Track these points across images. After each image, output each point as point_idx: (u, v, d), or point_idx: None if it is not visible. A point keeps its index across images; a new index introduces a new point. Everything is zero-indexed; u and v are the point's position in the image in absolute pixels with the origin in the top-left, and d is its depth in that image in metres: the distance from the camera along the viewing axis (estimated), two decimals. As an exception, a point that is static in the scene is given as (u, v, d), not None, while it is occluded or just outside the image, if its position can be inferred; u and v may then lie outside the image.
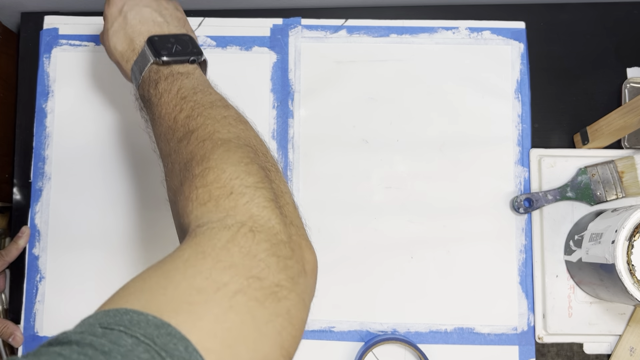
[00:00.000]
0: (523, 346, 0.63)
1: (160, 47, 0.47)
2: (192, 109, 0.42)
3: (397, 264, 0.65)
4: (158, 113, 0.44)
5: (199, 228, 0.34)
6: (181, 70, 0.46)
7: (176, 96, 0.43)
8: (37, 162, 0.67)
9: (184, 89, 0.44)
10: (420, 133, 0.67)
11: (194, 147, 0.39)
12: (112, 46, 0.50)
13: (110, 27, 0.51)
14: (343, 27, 0.69)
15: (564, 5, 0.70)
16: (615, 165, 0.63)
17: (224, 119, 0.41)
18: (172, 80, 0.45)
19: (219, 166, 0.36)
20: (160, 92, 0.44)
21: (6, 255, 0.64)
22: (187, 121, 0.41)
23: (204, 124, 0.40)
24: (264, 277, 0.31)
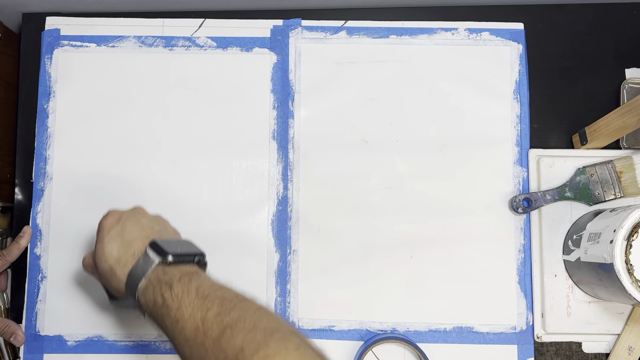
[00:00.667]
0: (522, 345, 0.64)
1: (165, 246, 0.47)
2: (221, 306, 0.41)
3: (397, 264, 0.65)
4: (180, 317, 0.42)
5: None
6: (190, 271, 0.46)
7: (197, 296, 0.42)
8: (39, 162, 0.68)
9: (203, 287, 0.43)
10: (420, 133, 0.67)
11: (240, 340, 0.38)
12: (107, 252, 0.49)
13: (106, 235, 0.50)
14: (343, 28, 0.69)
15: (562, 6, 0.70)
16: (613, 166, 0.63)
17: (259, 310, 0.41)
18: (187, 281, 0.44)
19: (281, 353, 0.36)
20: (178, 295, 0.43)
21: (8, 255, 0.64)
22: (219, 318, 0.40)
23: (241, 317, 0.40)
24: None
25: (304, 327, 0.64)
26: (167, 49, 0.69)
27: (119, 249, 0.49)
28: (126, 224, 0.51)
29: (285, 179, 0.67)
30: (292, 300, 0.65)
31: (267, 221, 0.66)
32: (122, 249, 0.49)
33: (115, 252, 0.49)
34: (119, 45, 0.69)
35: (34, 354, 0.64)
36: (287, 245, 0.66)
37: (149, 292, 0.45)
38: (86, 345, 0.64)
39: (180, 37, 0.69)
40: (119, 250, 0.49)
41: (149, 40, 0.69)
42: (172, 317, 0.43)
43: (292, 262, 0.66)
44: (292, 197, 0.67)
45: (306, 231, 0.66)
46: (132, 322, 0.65)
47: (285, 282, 0.65)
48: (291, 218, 0.66)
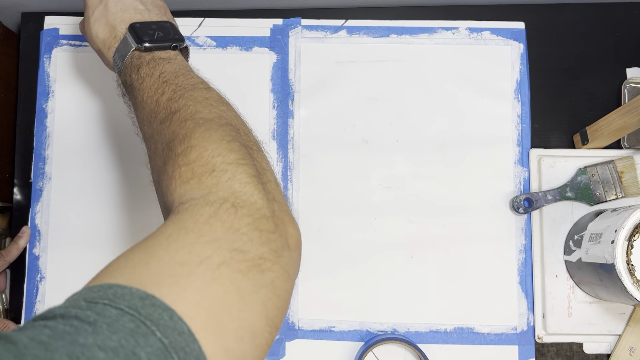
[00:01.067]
0: (523, 346, 0.63)
1: (142, 33, 0.47)
2: (174, 92, 0.42)
3: (397, 264, 0.65)
4: (140, 97, 0.44)
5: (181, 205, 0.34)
6: (163, 56, 0.47)
7: (158, 80, 0.44)
8: (38, 162, 0.67)
9: (165, 73, 0.44)
10: (420, 133, 0.67)
11: (176, 127, 0.39)
12: (94, 34, 0.50)
13: (91, 15, 0.51)
14: (343, 27, 0.69)
15: (563, 5, 0.70)
16: (614, 166, 0.63)
17: (205, 100, 0.42)
18: (154, 65, 0.45)
19: (201, 144, 0.37)
20: (142, 77, 0.45)
21: (6, 255, 0.64)
22: (169, 103, 0.41)
23: (185, 105, 0.41)
24: (247, 250, 0.32)
25: (304, 327, 0.64)
26: (166, 49, 0.69)
27: (104, 31, 0.50)
28: (108, 3, 0.50)
29: (285, 179, 0.67)
30: (292, 301, 0.65)
31: (267, 221, 0.66)
32: (107, 31, 0.49)
33: (101, 34, 0.50)
34: (118, 45, 0.69)
35: (33, 355, 0.64)
36: (287, 245, 0.66)
37: (124, 73, 0.47)
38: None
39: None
40: (104, 32, 0.50)
41: (148, 39, 0.69)
42: (135, 96, 0.45)
43: (292, 263, 0.65)
44: (292, 197, 0.66)
45: (306, 231, 0.66)
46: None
47: (285, 283, 0.65)
48: (291, 218, 0.66)
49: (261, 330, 0.31)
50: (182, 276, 0.29)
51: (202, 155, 0.36)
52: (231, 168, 0.36)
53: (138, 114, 0.45)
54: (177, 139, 0.38)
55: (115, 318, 0.26)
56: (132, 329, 0.25)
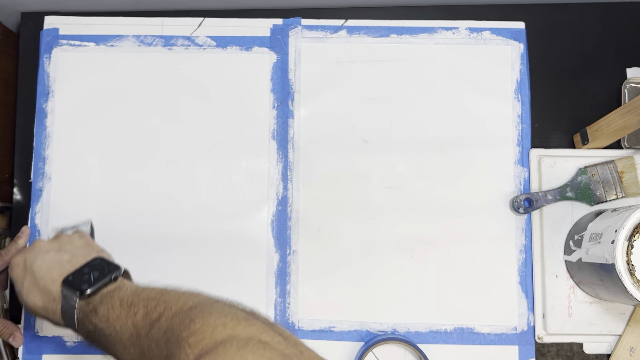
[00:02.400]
0: (523, 346, 0.63)
1: (78, 282, 0.46)
2: (146, 306, 0.42)
3: (397, 264, 0.65)
4: (113, 331, 0.43)
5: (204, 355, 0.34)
6: (110, 289, 0.46)
7: (121, 307, 0.43)
8: (37, 162, 0.67)
9: (126, 298, 0.44)
10: (420, 133, 0.67)
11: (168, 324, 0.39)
12: (32, 305, 0.49)
13: (22, 288, 0.50)
14: (343, 27, 0.69)
15: (564, 5, 0.70)
16: (615, 165, 0.63)
17: (182, 295, 0.42)
18: (108, 300, 0.45)
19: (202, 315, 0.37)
20: (105, 315, 0.44)
21: (6, 255, 0.63)
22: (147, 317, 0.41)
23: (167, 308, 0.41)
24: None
25: (304, 327, 0.64)
26: (166, 49, 0.69)
27: (41, 299, 0.48)
28: (34, 268, 0.49)
29: (285, 179, 0.67)
30: (292, 301, 0.65)
31: (267, 221, 0.66)
32: (43, 298, 0.48)
33: (39, 302, 0.48)
34: (118, 45, 0.69)
35: (33, 355, 0.64)
36: (287, 245, 0.66)
37: (82, 326, 0.46)
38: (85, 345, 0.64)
39: (180, 37, 0.69)
40: (41, 300, 0.48)
41: (148, 39, 0.69)
42: (107, 336, 0.44)
43: (292, 263, 0.65)
44: (292, 197, 0.66)
45: (306, 231, 0.66)
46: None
47: (285, 283, 0.65)
48: (291, 218, 0.66)
49: None
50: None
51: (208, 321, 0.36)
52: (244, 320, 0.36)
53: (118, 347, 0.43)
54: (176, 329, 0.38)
55: None
56: None
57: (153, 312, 0.41)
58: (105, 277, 0.47)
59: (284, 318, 0.64)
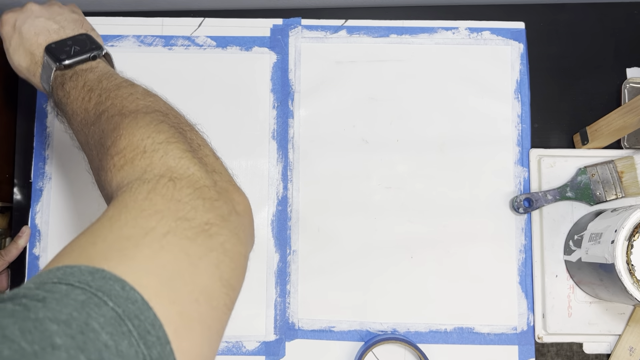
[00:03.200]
0: (523, 346, 0.63)
1: (59, 52, 0.47)
2: (99, 95, 0.43)
3: (397, 264, 0.65)
4: (70, 110, 0.45)
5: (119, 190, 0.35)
6: (84, 67, 0.47)
7: (82, 89, 0.44)
8: (38, 162, 0.67)
9: (89, 81, 0.45)
10: (420, 133, 0.67)
11: (104, 125, 0.40)
12: (17, 64, 0.51)
13: (9, 46, 0.51)
14: (343, 27, 0.69)
15: (563, 5, 0.70)
16: (614, 165, 0.63)
17: (130, 96, 0.42)
18: (76, 78, 0.46)
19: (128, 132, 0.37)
20: (68, 91, 0.45)
21: (6, 255, 0.64)
22: (96, 107, 0.42)
23: (112, 104, 0.41)
24: (192, 217, 0.32)
25: (304, 327, 0.64)
26: (166, 49, 0.69)
27: (25, 59, 0.50)
28: (22, 30, 0.50)
29: (285, 179, 0.67)
30: (292, 301, 0.65)
31: (267, 221, 0.66)
32: (27, 58, 0.50)
33: (23, 62, 0.50)
34: (118, 45, 0.69)
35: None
36: (287, 245, 0.66)
37: (53, 94, 0.48)
38: None
39: (180, 37, 0.69)
40: (25, 60, 0.50)
41: (148, 39, 0.69)
42: (66, 111, 0.46)
43: (292, 263, 0.65)
44: (292, 197, 0.66)
45: (306, 231, 0.66)
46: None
47: (285, 283, 0.65)
48: (291, 218, 0.66)
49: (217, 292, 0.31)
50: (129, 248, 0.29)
51: (132, 141, 0.37)
52: (162, 147, 0.36)
53: (72, 127, 0.46)
54: (106, 134, 0.39)
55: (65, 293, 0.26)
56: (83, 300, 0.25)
57: (102, 105, 0.42)
58: (84, 53, 0.48)
59: (284, 318, 0.64)
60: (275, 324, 0.64)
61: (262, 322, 0.64)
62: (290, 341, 0.64)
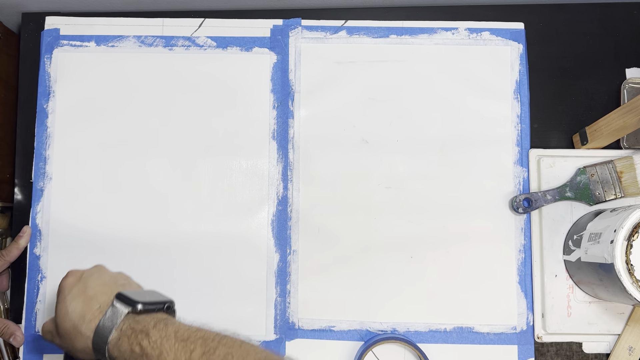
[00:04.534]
0: (522, 345, 0.63)
1: (133, 296, 0.46)
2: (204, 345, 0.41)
3: (397, 264, 0.65)
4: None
5: None
6: (163, 317, 0.46)
7: (177, 340, 0.42)
8: (38, 162, 0.67)
9: (181, 330, 0.43)
10: (420, 133, 0.67)
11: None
12: (71, 310, 0.47)
13: (68, 294, 0.49)
14: (343, 27, 0.69)
15: (563, 5, 0.70)
16: (614, 166, 0.63)
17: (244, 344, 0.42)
18: (163, 326, 0.44)
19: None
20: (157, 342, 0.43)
21: (7, 255, 0.64)
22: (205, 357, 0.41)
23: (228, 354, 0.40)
24: None
25: (304, 327, 0.64)
26: (166, 49, 0.69)
27: (82, 306, 0.47)
28: (88, 280, 0.49)
29: (285, 179, 0.67)
30: (292, 301, 0.65)
31: (267, 221, 0.66)
32: (86, 305, 0.47)
33: (78, 309, 0.47)
34: (119, 45, 0.69)
35: (34, 354, 0.64)
36: (287, 245, 0.66)
37: (123, 343, 0.44)
38: None
39: (180, 37, 0.69)
40: (82, 307, 0.47)
41: (148, 40, 0.69)
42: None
43: (292, 262, 0.65)
44: (292, 197, 0.67)
45: (306, 231, 0.66)
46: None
47: (285, 282, 0.65)
48: (291, 218, 0.66)
49: None
50: None
51: None
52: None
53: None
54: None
55: None
56: None
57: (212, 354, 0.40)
58: (161, 303, 0.47)
59: (284, 318, 0.64)
60: (275, 323, 0.65)
61: (262, 322, 0.64)
62: (290, 341, 0.64)
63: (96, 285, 0.49)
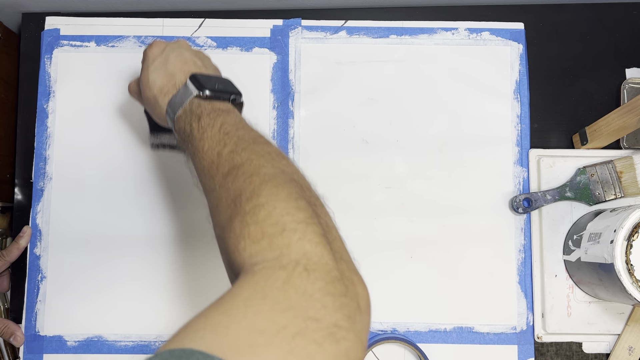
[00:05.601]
0: (522, 345, 0.63)
1: (204, 81, 0.48)
2: (236, 144, 0.42)
3: (397, 264, 0.65)
4: (201, 147, 0.44)
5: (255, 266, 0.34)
6: (222, 107, 0.47)
7: (219, 131, 0.44)
8: (38, 162, 0.68)
9: (226, 124, 0.44)
10: (420, 133, 0.67)
11: (241, 183, 0.39)
12: (151, 81, 0.51)
13: (150, 64, 0.52)
14: (343, 28, 0.69)
15: (563, 5, 0.70)
16: (614, 166, 0.63)
17: (267, 154, 0.42)
18: (214, 116, 0.45)
19: (270, 202, 0.36)
20: (203, 127, 0.45)
21: (7, 255, 0.64)
22: (231, 156, 0.41)
23: (249, 159, 0.40)
24: (321, 317, 0.31)
25: (304, 327, 0.64)
26: (167, 49, 0.69)
27: (162, 79, 0.51)
28: (170, 55, 0.52)
29: (285, 179, 0.67)
30: (292, 301, 0.65)
31: (267, 221, 0.66)
32: (165, 78, 0.50)
33: (158, 81, 0.51)
34: (119, 45, 0.69)
35: (34, 354, 0.64)
36: (287, 245, 0.66)
37: (182, 120, 0.47)
38: (86, 345, 0.64)
39: (180, 37, 0.69)
40: (162, 79, 0.51)
41: (148, 40, 0.69)
42: (195, 146, 0.45)
43: (292, 262, 0.65)
44: (292, 197, 0.66)
45: (306, 231, 0.66)
46: (131, 322, 0.65)
47: (285, 282, 0.65)
48: (291, 218, 0.66)
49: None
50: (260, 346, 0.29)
51: (272, 213, 0.36)
52: (301, 227, 0.35)
53: (197, 164, 0.45)
54: (244, 196, 0.37)
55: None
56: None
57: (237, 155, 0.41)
58: (227, 92, 0.49)
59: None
60: (275, 323, 0.64)
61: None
62: (290, 341, 0.64)
63: (177, 62, 0.51)
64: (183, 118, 0.47)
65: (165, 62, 0.51)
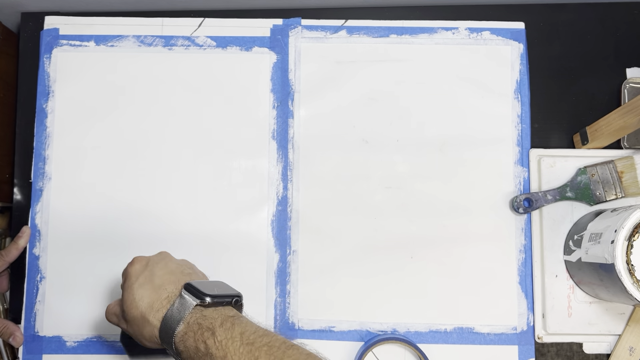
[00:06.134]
0: (522, 346, 0.63)
1: (202, 288, 0.45)
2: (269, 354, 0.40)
3: (397, 264, 0.65)
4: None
5: None
6: (230, 314, 0.45)
7: (242, 343, 0.42)
8: (38, 162, 0.67)
9: (247, 333, 0.43)
10: (420, 133, 0.67)
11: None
12: (138, 298, 0.47)
13: (135, 282, 0.48)
14: (343, 27, 0.69)
15: (563, 5, 0.70)
16: (614, 166, 0.63)
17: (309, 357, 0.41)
18: (229, 326, 0.43)
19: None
20: (222, 342, 0.42)
21: (6, 255, 0.64)
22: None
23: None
24: None
25: (304, 327, 0.64)
26: (166, 49, 0.69)
27: (150, 294, 0.47)
28: (154, 268, 0.49)
29: (285, 179, 0.67)
30: (292, 301, 0.65)
31: (267, 221, 0.66)
32: (153, 294, 0.47)
33: (146, 297, 0.47)
34: (118, 45, 0.69)
35: (33, 355, 0.64)
36: (287, 245, 0.66)
37: (189, 338, 0.44)
38: (85, 345, 0.64)
39: (180, 37, 0.69)
40: (150, 295, 0.47)
41: (148, 39, 0.69)
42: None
43: (292, 263, 0.65)
44: (292, 197, 0.66)
45: (306, 231, 0.66)
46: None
47: (285, 283, 0.65)
48: (291, 218, 0.66)
49: None
50: None
51: None
52: None
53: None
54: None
55: None
56: None
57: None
58: (229, 297, 0.46)
59: (284, 318, 0.64)
60: (275, 324, 0.64)
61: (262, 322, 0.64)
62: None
63: (163, 274, 0.48)
64: (190, 335, 0.44)
65: (150, 276, 0.48)
